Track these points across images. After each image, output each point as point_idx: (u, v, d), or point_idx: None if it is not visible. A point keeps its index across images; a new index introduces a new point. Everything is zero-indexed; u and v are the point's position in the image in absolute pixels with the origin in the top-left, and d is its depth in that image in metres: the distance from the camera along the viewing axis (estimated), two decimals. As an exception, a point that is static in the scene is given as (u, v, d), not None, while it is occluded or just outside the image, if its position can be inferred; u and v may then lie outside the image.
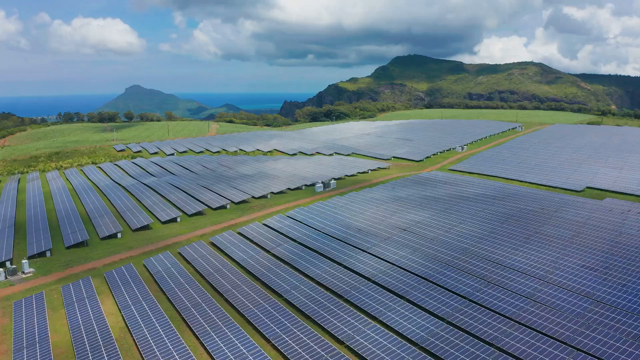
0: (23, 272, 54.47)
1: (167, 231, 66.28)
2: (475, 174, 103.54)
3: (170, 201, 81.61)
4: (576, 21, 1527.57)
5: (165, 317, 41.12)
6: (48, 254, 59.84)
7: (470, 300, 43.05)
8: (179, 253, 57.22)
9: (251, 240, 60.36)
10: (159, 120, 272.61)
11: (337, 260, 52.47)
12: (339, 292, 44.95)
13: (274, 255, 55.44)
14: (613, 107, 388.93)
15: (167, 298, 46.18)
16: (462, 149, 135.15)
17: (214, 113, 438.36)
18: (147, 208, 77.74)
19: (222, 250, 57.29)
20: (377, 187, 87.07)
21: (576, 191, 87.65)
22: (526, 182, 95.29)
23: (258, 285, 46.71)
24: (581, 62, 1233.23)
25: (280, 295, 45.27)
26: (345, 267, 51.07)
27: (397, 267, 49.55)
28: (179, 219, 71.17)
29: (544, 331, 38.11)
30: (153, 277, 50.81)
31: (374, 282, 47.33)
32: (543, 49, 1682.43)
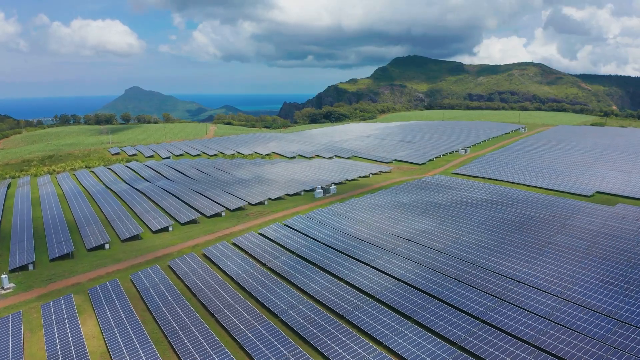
0: (2, 288, 50.83)
1: (157, 241, 62.67)
2: (480, 177, 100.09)
3: (162, 208, 78.02)
4: (575, 21, 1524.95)
5: (149, 342, 37.52)
6: (31, 267, 56.21)
7: (483, 322, 39.51)
8: (169, 266, 53.62)
9: (246, 252, 56.77)
10: (156, 123, 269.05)
11: (338, 274, 48.92)
12: (340, 312, 41.36)
13: (270, 269, 51.86)
14: (614, 107, 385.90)
15: (154, 318, 42.61)
16: (465, 151, 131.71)
17: (214, 114, 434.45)
18: (138, 216, 74.15)
19: (215, 264, 53.69)
20: (379, 193, 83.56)
21: (586, 196, 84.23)
22: (533, 186, 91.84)
23: (252, 305, 43.16)
24: (581, 62, 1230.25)
25: (276, 316, 41.70)
26: (346, 282, 47.53)
27: (402, 283, 45.97)
28: (170, 228, 67.53)
29: (566, 357, 34.59)
30: (140, 293, 47.24)
31: (377, 300, 43.79)
32: (542, 50, 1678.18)
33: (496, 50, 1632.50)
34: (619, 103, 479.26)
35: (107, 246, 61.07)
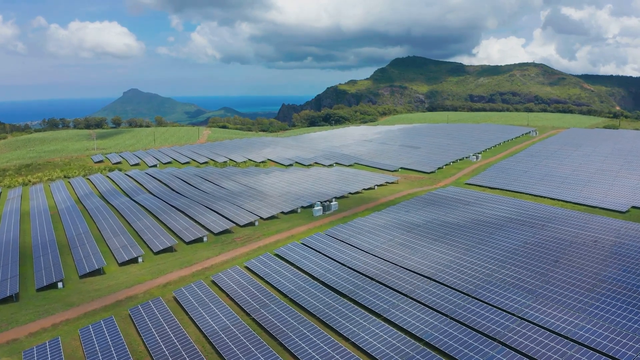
0: None
1: (122, 277, 51.79)
2: (498, 189, 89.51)
3: (135, 231, 67.11)
4: (574, 21, 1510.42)
5: None
6: (-37, 314, 45.47)
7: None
8: (129, 316, 42.80)
9: (228, 296, 45.92)
10: (148, 126, 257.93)
11: (343, 333, 38.11)
12: (347, 397, 30.64)
13: (255, 322, 41.02)
14: (617, 107, 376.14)
15: (97, 402, 31.89)
16: (477, 157, 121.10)
17: (212, 116, 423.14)
18: (104, 241, 63.22)
19: (186, 313, 42.83)
20: (387, 210, 72.89)
21: (621, 212, 73.78)
22: (559, 200, 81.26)
23: (229, 383, 32.43)
24: (580, 62, 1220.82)
25: (260, 402, 30.99)
26: (354, 345, 36.74)
27: (429, 349, 35.19)
28: (140, 259, 56.52)
29: None
30: (86, 360, 36.45)
31: (396, 373, 33.07)
32: (541, 50, 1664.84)
33: (495, 50, 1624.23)
34: (622, 103, 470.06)
35: (60, 285, 50.16)
